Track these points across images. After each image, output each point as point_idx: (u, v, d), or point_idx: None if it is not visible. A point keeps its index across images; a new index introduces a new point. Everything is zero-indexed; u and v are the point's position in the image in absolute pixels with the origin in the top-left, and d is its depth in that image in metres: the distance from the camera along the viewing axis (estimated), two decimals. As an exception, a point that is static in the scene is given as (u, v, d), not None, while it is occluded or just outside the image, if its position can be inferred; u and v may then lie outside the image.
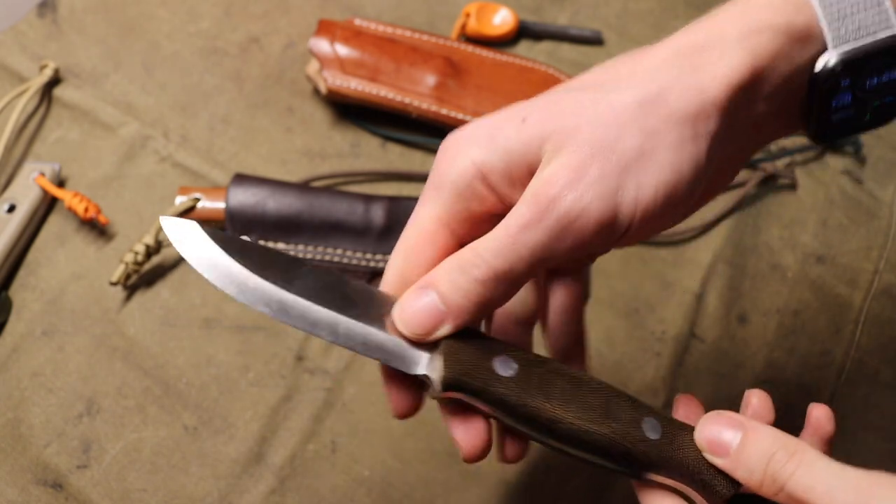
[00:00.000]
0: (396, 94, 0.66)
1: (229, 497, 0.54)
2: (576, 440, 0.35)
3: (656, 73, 0.33)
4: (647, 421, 0.35)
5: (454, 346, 0.34)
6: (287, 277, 0.35)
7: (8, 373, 0.57)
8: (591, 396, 0.35)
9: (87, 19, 0.72)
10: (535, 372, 0.35)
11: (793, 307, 0.63)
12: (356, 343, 0.35)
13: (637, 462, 0.35)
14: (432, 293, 0.34)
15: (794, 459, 0.32)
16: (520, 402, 0.34)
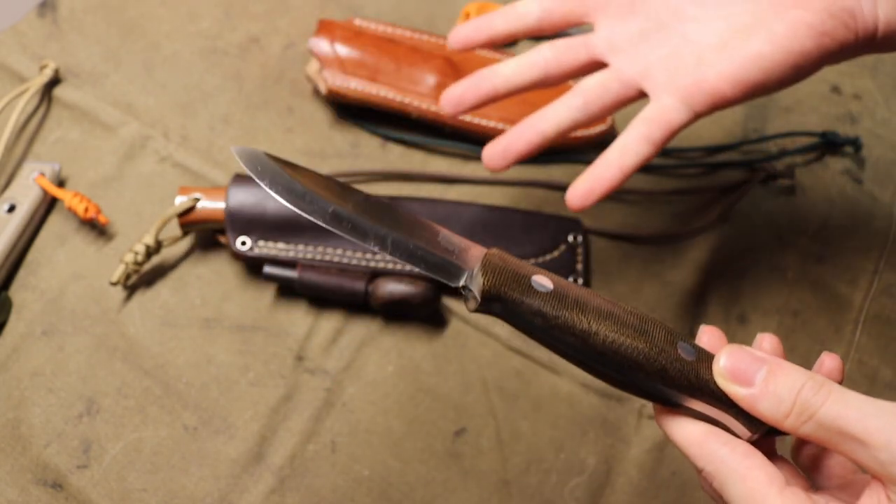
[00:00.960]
0: (396, 94, 0.67)
1: (229, 497, 0.54)
2: (610, 354, 0.36)
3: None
4: (682, 344, 0.36)
5: (495, 262, 0.37)
6: (342, 195, 0.39)
7: (8, 373, 0.57)
8: (625, 316, 0.36)
9: (87, 19, 0.72)
10: (571, 291, 0.36)
11: (793, 307, 0.63)
12: (403, 253, 0.37)
13: (673, 381, 0.36)
14: None
15: (825, 390, 0.33)
16: (555, 314, 0.36)
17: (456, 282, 0.37)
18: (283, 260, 0.59)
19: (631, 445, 0.57)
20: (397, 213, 0.39)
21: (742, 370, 0.35)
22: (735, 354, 0.35)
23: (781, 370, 0.34)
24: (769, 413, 0.34)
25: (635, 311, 0.37)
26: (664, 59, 0.49)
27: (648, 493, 0.55)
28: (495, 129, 0.67)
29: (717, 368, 0.35)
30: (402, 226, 0.38)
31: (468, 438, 0.56)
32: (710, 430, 0.36)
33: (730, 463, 0.35)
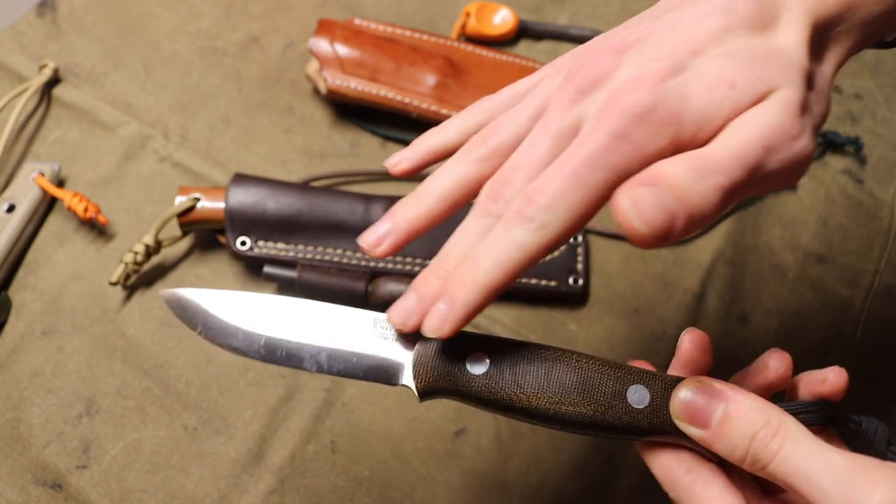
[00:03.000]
0: (396, 94, 0.66)
1: (229, 497, 0.54)
2: (556, 421, 0.36)
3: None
4: (633, 390, 0.36)
5: (426, 356, 0.36)
6: (269, 317, 0.37)
7: (7, 373, 0.57)
8: (567, 377, 0.36)
9: (86, 19, 0.72)
10: (508, 362, 0.36)
11: (793, 307, 0.63)
12: (339, 369, 0.37)
13: (624, 433, 0.36)
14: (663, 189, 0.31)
15: (778, 438, 0.32)
16: (493, 398, 0.36)
17: (396, 382, 0.37)
18: (282, 260, 0.59)
19: (631, 446, 0.57)
20: (331, 314, 0.38)
21: (698, 410, 0.34)
22: (692, 392, 0.34)
23: (738, 412, 0.33)
24: (725, 455, 0.34)
25: (580, 364, 0.36)
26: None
27: (648, 494, 0.55)
28: (495, 129, 0.67)
29: (673, 408, 0.35)
30: (336, 330, 0.37)
31: (468, 438, 0.56)
32: (674, 456, 0.36)
33: (690, 491, 0.35)
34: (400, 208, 0.39)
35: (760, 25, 0.34)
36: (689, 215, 0.31)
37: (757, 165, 0.32)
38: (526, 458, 0.56)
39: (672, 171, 0.31)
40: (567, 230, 0.33)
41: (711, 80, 0.33)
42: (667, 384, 0.36)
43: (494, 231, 0.34)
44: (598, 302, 0.62)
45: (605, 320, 0.61)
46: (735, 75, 0.33)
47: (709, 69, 0.33)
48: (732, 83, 0.33)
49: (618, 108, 0.32)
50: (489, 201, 0.35)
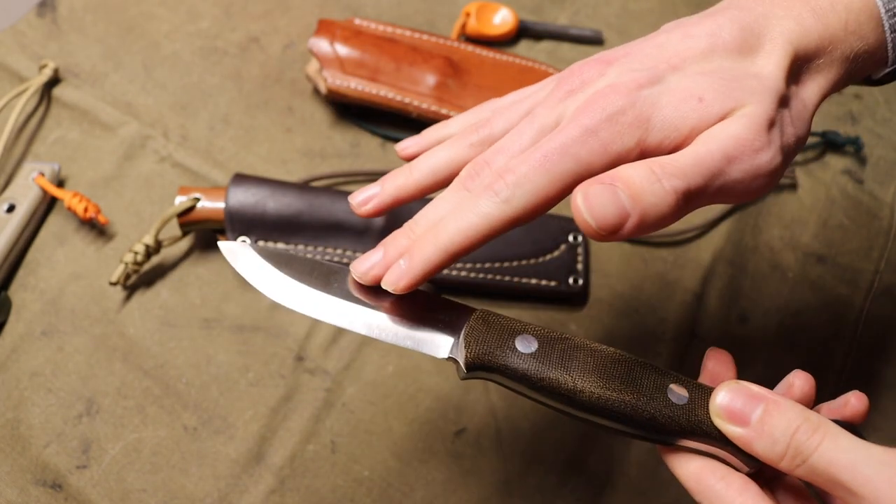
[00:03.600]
0: (396, 94, 0.66)
1: (229, 497, 0.54)
2: (598, 409, 0.36)
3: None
4: (672, 388, 0.36)
5: (477, 329, 0.37)
6: (326, 281, 0.39)
7: (7, 373, 0.57)
8: (612, 367, 0.36)
9: (86, 19, 0.72)
10: (556, 347, 0.37)
11: (793, 307, 0.63)
12: (388, 334, 0.38)
13: (664, 428, 0.36)
14: (618, 188, 0.33)
15: (819, 433, 0.33)
16: (539, 376, 0.36)
17: (442, 353, 0.37)
18: (282, 260, 0.59)
19: (631, 445, 0.57)
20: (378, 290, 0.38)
21: (738, 409, 0.35)
22: (732, 392, 0.35)
23: (777, 410, 0.34)
24: (764, 453, 0.34)
25: (623, 358, 0.37)
26: None
27: (648, 494, 0.55)
28: (495, 129, 0.67)
29: (713, 407, 0.35)
30: (386, 301, 0.38)
31: (468, 438, 0.56)
32: (706, 464, 0.36)
33: (725, 499, 0.35)
34: (390, 177, 0.41)
35: (743, 51, 0.37)
36: (641, 214, 0.33)
37: (716, 173, 0.34)
38: (526, 458, 0.56)
39: (630, 173, 0.33)
40: (529, 209, 0.35)
41: (683, 93, 0.35)
42: (704, 390, 0.37)
43: (462, 200, 0.37)
44: (598, 302, 0.62)
45: (605, 320, 0.61)
46: (706, 91, 0.35)
47: (683, 83, 0.36)
48: (701, 97, 0.35)
49: (592, 106, 0.35)
50: (468, 178, 0.38)
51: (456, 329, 0.38)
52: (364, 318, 0.38)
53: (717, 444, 0.36)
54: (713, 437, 0.36)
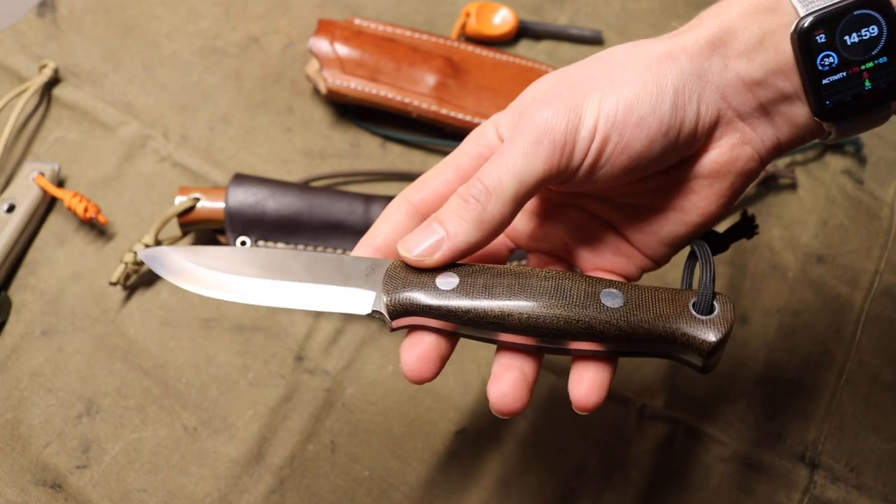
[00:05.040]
0: (396, 94, 0.66)
1: (229, 497, 0.54)
2: (532, 329, 0.35)
3: (639, 42, 0.38)
4: (606, 293, 0.36)
5: (395, 276, 0.37)
6: (232, 263, 0.38)
7: (7, 373, 0.57)
8: (538, 283, 0.36)
9: (86, 19, 0.72)
10: (479, 277, 0.36)
11: (793, 307, 0.63)
12: (305, 300, 0.37)
13: (603, 335, 0.35)
14: (434, 223, 0.37)
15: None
16: (465, 309, 0.35)
17: (365, 309, 0.37)
18: (282, 260, 0.59)
19: (631, 445, 0.57)
20: (302, 258, 0.38)
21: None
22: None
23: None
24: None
25: (550, 274, 0.37)
26: None
27: (648, 493, 0.55)
28: (495, 129, 0.67)
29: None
30: (307, 270, 0.38)
31: (468, 438, 0.56)
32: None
33: None
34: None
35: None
36: (451, 236, 0.37)
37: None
38: (526, 457, 0.56)
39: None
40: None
41: None
42: (641, 289, 0.36)
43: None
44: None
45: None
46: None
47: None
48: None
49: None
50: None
51: (375, 283, 0.37)
52: (280, 290, 0.37)
53: (665, 342, 0.35)
54: (656, 336, 0.35)
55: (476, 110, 0.67)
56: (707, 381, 0.59)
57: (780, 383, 0.60)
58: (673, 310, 0.35)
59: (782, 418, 0.58)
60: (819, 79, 0.35)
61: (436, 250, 0.36)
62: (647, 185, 0.39)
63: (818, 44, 0.35)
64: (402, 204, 0.39)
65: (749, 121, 0.37)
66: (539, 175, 0.36)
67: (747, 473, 0.56)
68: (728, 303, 0.36)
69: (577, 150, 0.36)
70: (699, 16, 0.38)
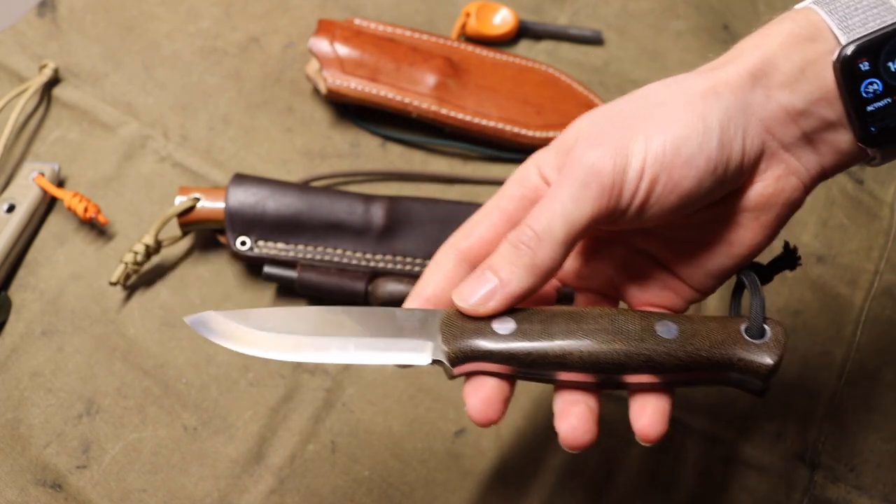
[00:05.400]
0: (396, 94, 0.66)
1: (229, 497, 0.54)
2: (593, 366, 0.36)
3: (675, 77, 0.37)
4: (660, 325, 0.37)
5: (452, 324, 0.37)
6: (286, 323, 0.38)
7: (7, 373, 0.57)
8: (594, 322, 0.37)
9: (86, 19, 0.72)
10: (535, 320, 0.37)
11: (793, 307, 0.63)
12: (368, 356, 0.37)
13: (663, 366, 0.36)
14: (487, 272, 0.37)
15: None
16: (525, 352, 0.36)
17: (426, 359, 0.37)
18: (282, 260, 0.59)
19: (631, 445, 0.57)
20: (354, 313, 0.39)
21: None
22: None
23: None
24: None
25: (604, 312, 0.37)
26: None
27: (648, 493, 0.55)
28: (495, 129, 0.67)
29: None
30: (361, 325, 0.38)
31: (468, 438, 0.56)
32: None
33: None
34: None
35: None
36: (504, 283, 0.37)
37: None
38: (526, 458, 0.56)
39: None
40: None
41: None
42: (691, 320, 0.37)
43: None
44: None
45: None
46: None
47: None
48: None
49: None
50: None
51: (431, 332, 0.37)
52: (340, 347, 0.38)
53: (722, 368, 0.36)
54: (714, 363, 0.36)
55: (476, 110, 0.67)
56: (707, 381, 0.59)
57: (780, 383, 0.60)
58: (726, 336, 0.37)
59: (782, 418, 0.58)
60: (863, 106, 0.35)
61: (490, 299, 0.36)
62: (692, 219, 0.38)
63: (862, 72, 0.35)
64: (451, 251, 0.39)
65: (793, 151, 0.37)
66: (588, 218, 0.36)
67: (747, 473, 0.56)
68: (778, 326, 0.37)
69: (626, 191, 0.36)
70: (738, 47, 0.37)
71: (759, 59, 0.36)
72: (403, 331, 0.37)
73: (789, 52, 0.36)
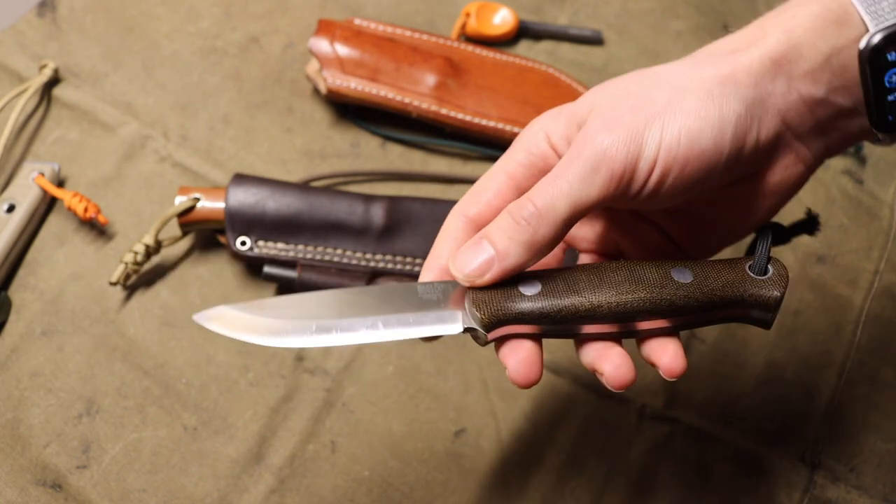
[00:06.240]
0: (396, 94, 0.66)
1: (229, 497, 0.54)
2: (622, 315, 0.37)
3: (696, 58, 0.37)
4: (676, 271, 0.38)
5: (480, 293, 0.37)
6: (321, 305, 0.38)
7: (7, 373, 0.57)
8: (615, 275, 0.38)
9: (86, 19, 0.72)
10: (559, 279, 0.38)
11: (793, 307, 0.63)
12: (397, 332, 0.38)
13: (685, 308, 0.37)
14: (484, 241, 0.37)
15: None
16: (557, 308, 0.37)
17: (457, 328, 0.38)
18: (282, 260, 0.59)
19: (631, 445, 0.57)
20: (373, 292, 0.39)
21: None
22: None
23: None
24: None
25: (621, 264, 0.39)
26: None
27: (648, 493, 0.55)
28: (495, 129, 0.67)
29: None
30: (384, 303, 0.38)
31: (468, 438, 0.56)
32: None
33: None
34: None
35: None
36: (502, 257, 0.37)
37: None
38: (526, 457, 0.56)
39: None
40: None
41: None
42: (703, 264, 0.38)
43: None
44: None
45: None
46: None
47: None
48: None
49: None
50: None
51: (457, 302, 0.38)
52: (369, 326, 0.38)
53: (736, 305, 0.38)
54: (729, 301, 0.38)
55: (476, 110, 0.67)
56: (707, 381, 0.59)
57: (780, 383, 0.60)
58: (735, 276, 0.38)
59: (782, 418, 0.58)
60: (885, 95, 0.35)
61: (486, 271, 0.36)
62: (698, 198, 0.39)
63: (888, 62, 0.35)
64: (460, 218, 0.39)
65: (804, 139, 0.37)
66: (594, 200, 0.36)
67: (747, 473, 0.56)
68: (778, 262, 0.39)
69: (636, 180, 0.36)
70: (760, 23, 0.37)
71: (784, 44, 0.35)
72: (428, 304, 0.38)
73: (815, 37, 0.35)
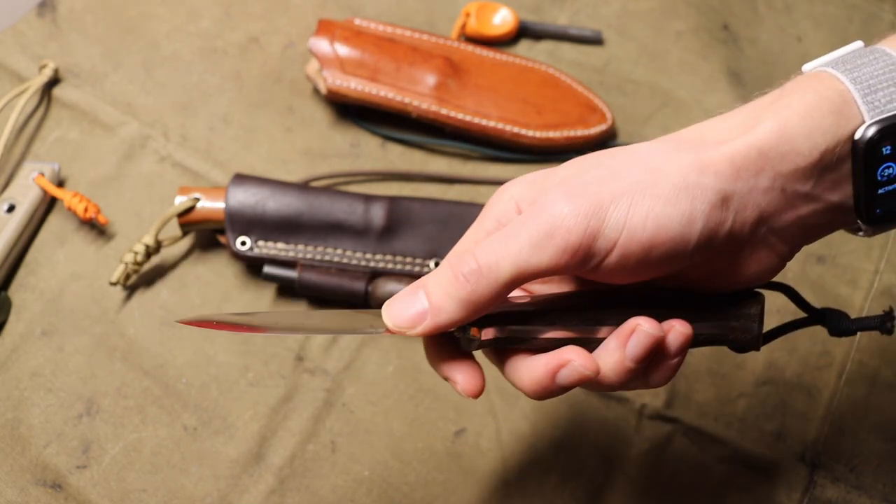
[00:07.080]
0: (396, 94, 0.66)
1: (229, 497, 0.54)
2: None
3: (679, 138, 0.35)
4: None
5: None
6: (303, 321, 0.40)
7: (7, 373, 0.57)
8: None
9: (86, 19, 0.72)
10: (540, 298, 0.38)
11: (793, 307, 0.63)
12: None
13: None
14: (420, 292, 0.35)
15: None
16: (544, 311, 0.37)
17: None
18: (282, 260, 0.59)
19: (631, 445, 0.57)
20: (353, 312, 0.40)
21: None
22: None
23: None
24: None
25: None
26: None
27: (648, 493, 0.55)
28: (495, 129, 0.67)
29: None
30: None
31: (468, 438, 0.56)
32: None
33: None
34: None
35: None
36: (435, 311, 0.35)
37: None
38: (526, 457, 0.56)
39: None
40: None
41: None
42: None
43: None
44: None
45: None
46: None
47: None
48: None
49: None
50: None
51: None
52: (347, 322, 0.38)
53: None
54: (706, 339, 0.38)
55: (476, 110, 0.67)
56: (707, 381, 0.59)
57: (780, 383, 0.60)
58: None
59: (782, 418, 0.58)
60: (875, 188, 0.34)
61: (418, 323, 0.34)
62: (668, 273, 0.36)
63: (882, 155, 0.33)
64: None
65: (782, 235, 0.35)
66: (542, 269, 0.33)
67: (747, 473, 0.56)
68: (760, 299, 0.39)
69: (593, 255, 0.33)
70: (754, 111, 0.34)
71: (775, 134, 0.33)
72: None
73: (811, 129, 0.33)
